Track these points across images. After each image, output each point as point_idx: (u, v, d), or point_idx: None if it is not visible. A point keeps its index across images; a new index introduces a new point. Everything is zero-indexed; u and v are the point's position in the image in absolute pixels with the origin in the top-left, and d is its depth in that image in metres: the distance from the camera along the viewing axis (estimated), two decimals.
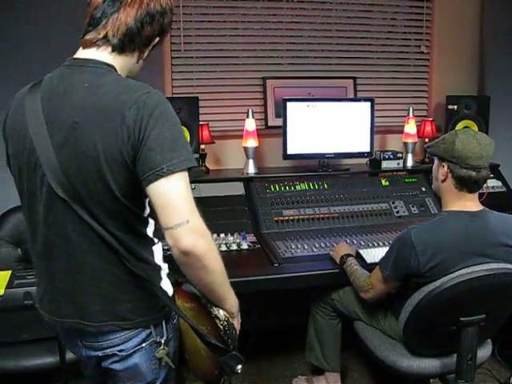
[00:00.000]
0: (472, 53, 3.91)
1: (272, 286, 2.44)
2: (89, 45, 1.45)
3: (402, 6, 3.86)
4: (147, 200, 1.46)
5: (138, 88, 1.39)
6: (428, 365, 2.26)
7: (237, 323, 1.65)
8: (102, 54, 1.45)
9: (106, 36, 1.43)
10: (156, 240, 1.55)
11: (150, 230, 1.53)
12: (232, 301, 1.58)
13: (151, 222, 1.53)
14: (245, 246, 2.73)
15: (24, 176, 1.47)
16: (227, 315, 1.57)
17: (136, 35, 1.45)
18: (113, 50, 1.45)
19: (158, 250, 1.55)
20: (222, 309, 1.57)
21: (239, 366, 1.53)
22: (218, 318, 1.56)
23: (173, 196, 1.33)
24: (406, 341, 2.30)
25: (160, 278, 1.53)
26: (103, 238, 1.41)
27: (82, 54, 1.47)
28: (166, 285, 1.55)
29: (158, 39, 1.52)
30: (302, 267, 2.51)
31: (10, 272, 2.49)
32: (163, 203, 1.33)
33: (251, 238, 2.83)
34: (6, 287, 2.33)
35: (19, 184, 1.52)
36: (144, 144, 1.33)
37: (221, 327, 1.55)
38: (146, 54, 1.54)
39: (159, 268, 1.54)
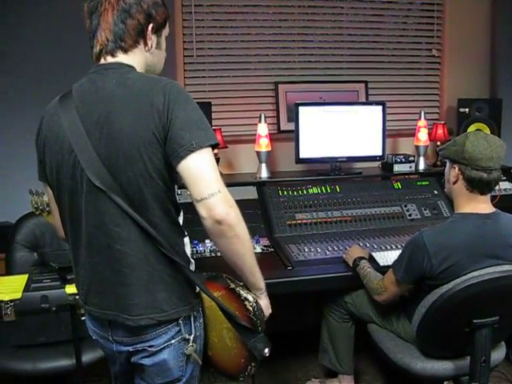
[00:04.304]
0: (483, 55, 3.91)
1: (285, 289, 2.45)
2: (99, 58, 1.57)
3: (413, 10, 3.88)
4: (176, 186, 1.57)
5: (161, 79, 1.53)
6: (441, 367, 2.26)
7: (266, 302, 1.74)
8: (115, 59, 1.56)
9: (101, 47, 1.56)
10: (186, 232, 1.63)
11: (181, 220, 1.62)
12: (259, 274, 1.66)
13: (181, 213, 1.62)
14: (258, 249, 2.75)
15: (63, 175, 1.55)
16: (255, 297, 1.67)
17: (123, 33, 1.55)
18: (115, 54, 1.56)
19: (187, 242, 1.63)
20: (251, 286, 1.67)
21: (267, 349, 1.63)
22: (247, 299, 1.65)
23: (204, 169, 1.44)
24: (419, 343, 2.31)
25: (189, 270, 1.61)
26: (141, 226, 1.48)
27: (101, 62, 1.58)
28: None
29: (152, 25, 1.59)
30: (315, 270, 2.52)
31: (26, 276, 2.52)
32: (196, 175, 1.44)
33: (264, 241, 2.85)
34: (23, 291, 2.36)
35: (57, 185, 1.59)
36: (173, 125, 1.44)
37: (250, 308, 1.65)
38: (151, 42, 1.61)
39: (188, 260, 1.62)
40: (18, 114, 3.17)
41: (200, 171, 1.44)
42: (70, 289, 2.31)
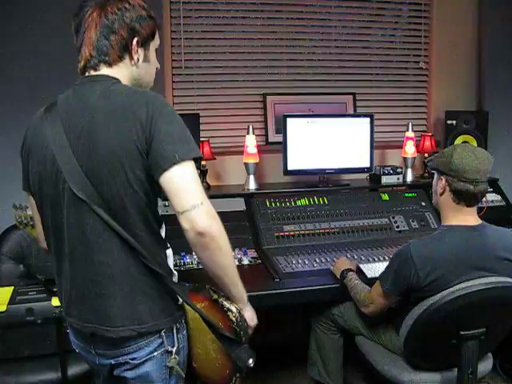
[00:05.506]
0: (470, 68, 3.95)
1: (273, 301, 2.44)
2: (83, 72, 1.59)
3: (401, 23, 3.92)
4: (158, 199, 1.56)
5: (145, 92, 1.55)
6: (429, 379, 2.26)
7: (251, 314, 1.74)
8: (98, 72, 1.57)
9: (85, 62, 1.57)
10: (168, 244, 1.63)
11: (163, 233, 1.62)
12: (242, 286, 1.66)
13: (163, 225, 1.62)
14: (246, 261, 2.74)
15: (46, 186, 1.56)
16: (239, 308, 1.66)
17: (107, 48, 1.56)
18: (98, 68, 1.57)
19: (170, 254, 1.63)
20: (234, 299, 1.66)
21: (251, 360, 1.62)
22: (230, 310, 1.65)
23: (187, 181, 1.45)
24: (406, 355, 2.30)
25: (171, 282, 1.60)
26: (122, 238, 1.48)
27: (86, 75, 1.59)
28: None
29: (137, 39, 1.59)
30: (302, 282, 2.51)
31: (12, 288, 2.49)
32: (178, 187, 1.44)
33: (252, 253, 2.84)
34: (8, 303, 2.33)
35: (39, 196, 1.60)
36: (156, 137, 1.45)
37: (233, 319, 1.64)
38: (137, 55, 1.61)
39: (171, 272, 1.62)
40: (3, 127, 3.14)
41: (182, 183, 1.44)
42: (56, 301, 2.28)
